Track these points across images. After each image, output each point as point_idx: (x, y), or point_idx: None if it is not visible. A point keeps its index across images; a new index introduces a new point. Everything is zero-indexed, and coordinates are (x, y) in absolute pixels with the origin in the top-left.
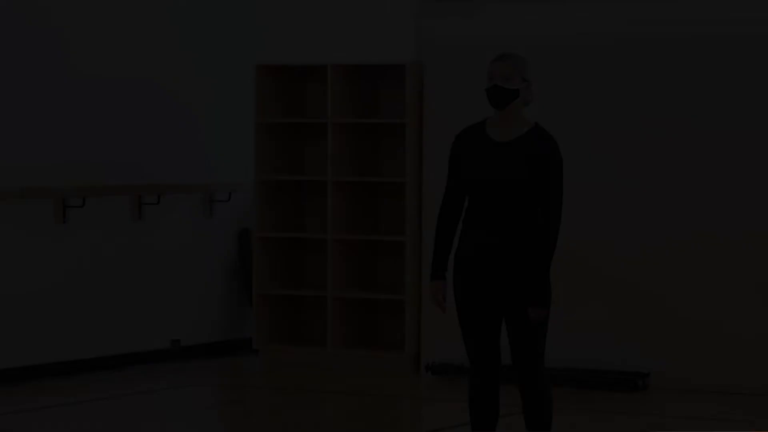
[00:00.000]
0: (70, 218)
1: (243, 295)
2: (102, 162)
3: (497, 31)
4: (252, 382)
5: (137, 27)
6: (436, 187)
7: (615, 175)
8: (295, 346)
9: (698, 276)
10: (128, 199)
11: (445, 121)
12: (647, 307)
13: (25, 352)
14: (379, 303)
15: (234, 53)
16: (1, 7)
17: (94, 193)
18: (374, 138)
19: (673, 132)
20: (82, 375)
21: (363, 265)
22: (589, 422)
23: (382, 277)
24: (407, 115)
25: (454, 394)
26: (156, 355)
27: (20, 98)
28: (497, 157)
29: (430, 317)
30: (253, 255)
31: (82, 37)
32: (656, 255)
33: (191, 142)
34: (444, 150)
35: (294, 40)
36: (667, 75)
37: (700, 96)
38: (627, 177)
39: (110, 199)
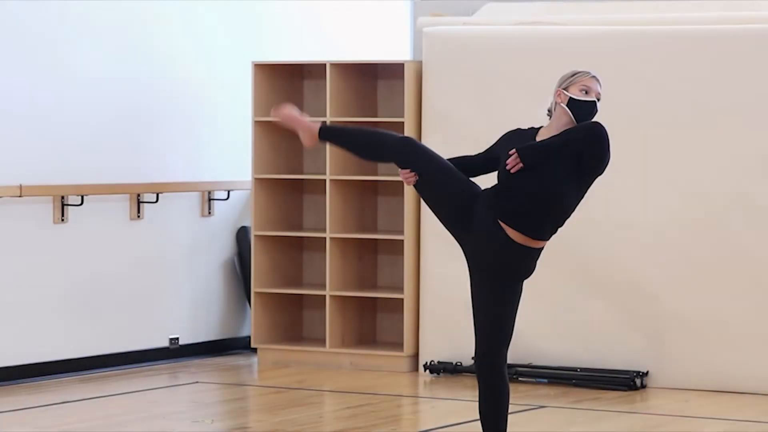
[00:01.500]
0: (69, 217)
1: (241, 293)
2: (100, 161)
3: (494, 30)
4: (250, 380)
5: (134, 27)
6: None
7: (616, 176)
8: (294, 344)
9: (697, 275)
10: (127, 198)
11: (442, 119)
12: (646, 306)
13: (24, 350)
14: (377, 302)
15: (232, 51)
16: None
17: (93, 192)
18: None
19: (667, 131)
20: (81, 373)
21: (361, 264)
22: (588, 421)
23: (380, 276)
24: (405, 113)
25: (452, 394)
26: (154, 353)
27: (21, 100)
28: None
29: (429, 316)
30: (251, 253)
31: (82, 38)
32: (655, 254)
33: (189, 140)
34: (442, 148)
35: (292, 38)
36: (669, 69)
37: (700, 99)
38: (627, 178)
39: (109, 197)
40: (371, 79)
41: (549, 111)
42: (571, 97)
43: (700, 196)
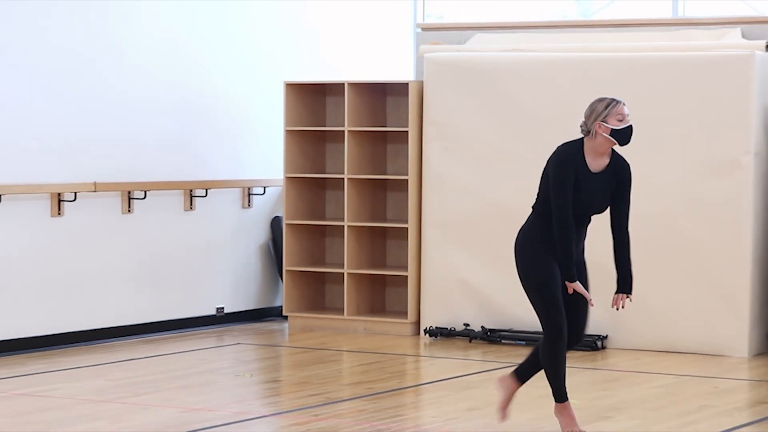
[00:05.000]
0: (135, 208)
1: (275, 271)
2: (160, 163)
3: (483, 56)
4: (282, 342)
5: (185, 54)
6: (432, 183)
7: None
8: (317, 313)
9: (650, 258)
10: (181, 193)
11: (440, 129)
12: (607, 282)
13: (97, 317)
14: (386, 278)
15: (267, 73)
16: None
17: (154, 188)
18: (382, 143)
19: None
20: (144, 336)
21: (373, 247)
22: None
23: (389, 257)
24: (409, 124)
25: (447, 353)
26: (204, 320)
27: (94, 115)
28: (596, 185)
29: (429, 290)
30: (283, 238)
31: (144, 64)
32: (609, 239)
33: (232, 146)
34: (438, 152)
35: (316, 61)
36: (626, 88)
37: (654, 113)
38: None
39: (167, 192)
40: (381, 95)
41: (583, 128)
42: (613, 129)
43: (654, 194)
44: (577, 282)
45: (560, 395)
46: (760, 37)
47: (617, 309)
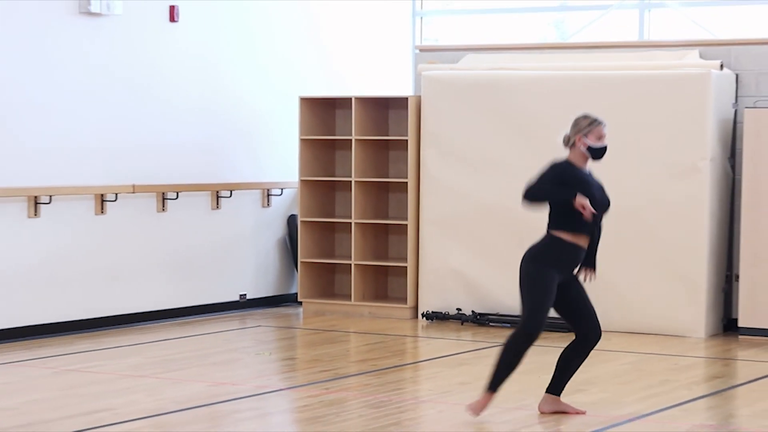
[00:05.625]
0: (169, 208)
1: (290, 262)
2: (189, 167)
3: (474, 74)
4: (297, 324)
5: (211, 71)
6: (429, 185)
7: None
8: (328, 299)
9: (620, 249)
10: (209, 194)
11: (435, 138)
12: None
13: (135, 303)
14: (388, 269)
15: (284, 88)
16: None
17: (185, 189)
18: (385, 150)
19: None
20: (175, 319)
21: (377, 241)
22: (538, 353)
23: (390, 250)
24: (409, 133)
25: (442, 335)
26: (228, 305)
27: (132, 126)
28: (595, 184)
29: (426, 279)
30: (298, 233)
31: (178, 80)
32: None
33: (253, 152)
34: (434, 158)
35: (327, 78)
36: (599, 101)
37: (623, 123)
38: None
39: (196, 194)
40: (384, 108)
41: (565, 139)
42: (589, 146)
43: (624, 194)
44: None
45: (496, 385)
46: (715, 57)
47: (585, 280)
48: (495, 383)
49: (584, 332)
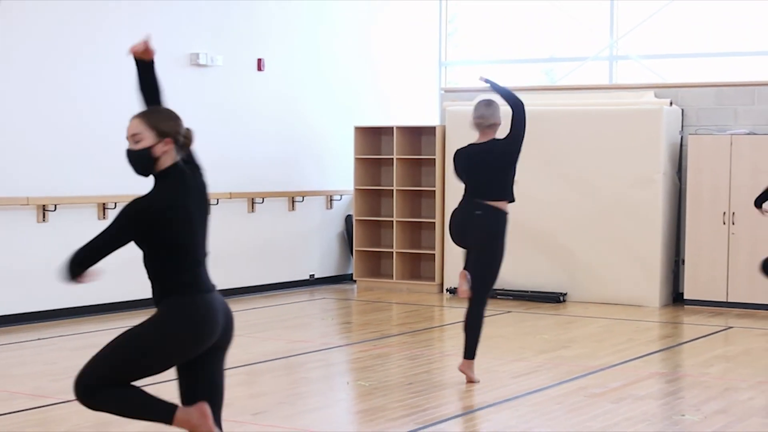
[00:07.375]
0: (256, 209)
1: (348, 250)
2: (273, 177)
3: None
4: (352, 297)
5: (287, 102)
6: (451, 192)
7: (552, 186)
8: (376, 278)
9: (595, 240)
10: (287, 199)
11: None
12: (566, 256)
13: (235, 280)
14: (421, 255)
15: (342, 118)
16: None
17: (270, 196)
18: (418, 166)
19: (575, 163)
20: (259, 294)
21: (412, 234)
22: (532, 318)
23: (423, 241)
24: (436, 153)
25: (461, 305)
26: (301, 282)
27: (219, 146)
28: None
29: (449, 263)
30: (353, 229)
31: (263, 104)
32: (573, 228)
33: (321, 167)
34: (455, 173)
35: (375, 110)
36: (569, 132)
37: (592, 147)
38: (556, 188)
39: (278, 199)
40: (418, 135)
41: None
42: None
43: (597, 199)
44: None
45: (473, 353)
46: (666, 96)
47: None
48: (473, 350)
49: None
